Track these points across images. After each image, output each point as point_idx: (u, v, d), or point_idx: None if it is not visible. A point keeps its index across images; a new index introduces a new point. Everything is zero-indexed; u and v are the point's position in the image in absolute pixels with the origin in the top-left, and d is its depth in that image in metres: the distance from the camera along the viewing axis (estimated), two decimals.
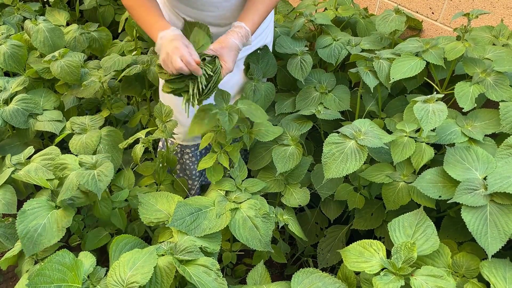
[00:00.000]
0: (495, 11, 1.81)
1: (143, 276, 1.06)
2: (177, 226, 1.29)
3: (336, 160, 1.34)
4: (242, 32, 1.44)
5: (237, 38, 1.43)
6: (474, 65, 1.58)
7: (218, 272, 1.16)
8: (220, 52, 1.40)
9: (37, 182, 1.46)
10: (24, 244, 1.30)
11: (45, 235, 1.32)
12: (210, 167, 1.52)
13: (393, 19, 1.91)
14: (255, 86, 1.79)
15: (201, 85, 1.37)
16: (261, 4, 1.48)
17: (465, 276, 1.22)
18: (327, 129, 1.87)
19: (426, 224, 1.21)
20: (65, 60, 1.96)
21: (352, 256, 1.20)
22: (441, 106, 1.37)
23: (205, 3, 1.53)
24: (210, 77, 1.38)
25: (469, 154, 1.32)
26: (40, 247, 1.31)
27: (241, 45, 1.45)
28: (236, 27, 1.45)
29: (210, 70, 1.38)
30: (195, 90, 1.38)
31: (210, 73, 1.38)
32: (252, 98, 1.77)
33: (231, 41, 1.42)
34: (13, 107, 1.82)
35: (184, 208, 1.33)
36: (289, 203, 1.60)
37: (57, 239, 1.33)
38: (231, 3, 1.55)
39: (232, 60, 1.42)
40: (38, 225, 1.33)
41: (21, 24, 2.49)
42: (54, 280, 1.08)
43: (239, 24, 1.45)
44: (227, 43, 1.41)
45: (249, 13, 1.47)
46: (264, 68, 1.85)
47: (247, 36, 1.46)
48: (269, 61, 1.86)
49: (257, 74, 1.81)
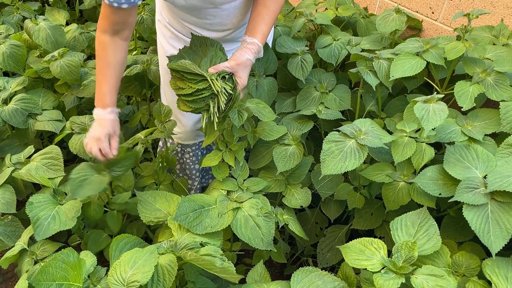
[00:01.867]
0: (495, 10, 1.81)
1: (144, 275, 1.06)
2: (180, 221, 1.29)
3: (335, 158, 1.34)
4: (255, 49, 1.47)
5: (251, 54, 1.45)
6: (474, 65, 1.58)
7: (223, 257, 1.16)
8: (236, 69, 1.42)
9: (38, 180, 1.45)
10: (35, 229, 1.34)
11: (55, 223, 1.36)
12: (216, 165, 1.53)
13: (393, 19, 1.91)
14: (257, 82, 1.80)
15: (222, 104, 1.39)
16: (268, 15, 1.48)
17: (465, 275, 1.22)
18: (328, 128, 1.87)
19: (428, 224, 1.21)
20: (65, 59, 1.96)
21: (353, 253, 1.19)
22: (442, 106, 1.38)
23: (202, 12, 1.55)
24: (230, 95, 1.41)
25: (469, 153, 1.32)
26: (51, 232, 1.34)
27: (254, 60, 1.48)
28: (249, 43, 1.47)
29: (230, 88, 1.40)
30: (215, 109, 1.40)
31: (230, 91, 1.40)
32: (255, 93, 1.78)
33: (245, 57, 1.44)
34: (12, 107, 1.82)
35: (188, 204, 1.33)
36: (291, 204, 1.60)
37: (69, 226, 1.37)
38: (228, 12, 1.55)
39: (246, 76, 1.46)
40: (47, 215, 1.37)
41: (20, 24, 2.48)
42: (57, 278, 1.08)
43: (252, 40, 1.47)
44: (242, 60, 1.43)
45: (258, 26, 1.48)
46: (265, 64, 1.86)
47: (260, 51, 1.49)
48: (269, 57, 1.86)
49: (259, 70, 1.81)
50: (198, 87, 1.36)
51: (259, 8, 1.48)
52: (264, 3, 1.47)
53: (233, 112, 1.49)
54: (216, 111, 1.40)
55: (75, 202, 1.41)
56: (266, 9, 1.47)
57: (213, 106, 1.40)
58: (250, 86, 1.79)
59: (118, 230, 1.59)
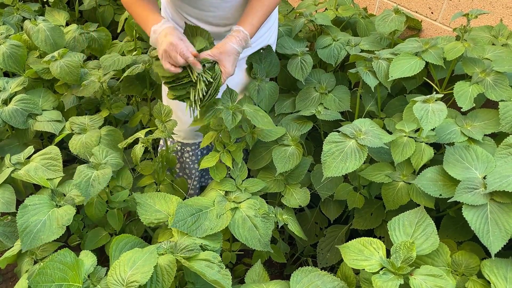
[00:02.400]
0: (495, 10, 1.81)
1: (143, 275, 1.06)
2: (178, 227, 1.29)
3: (336, 159, 1.34)
4: (241, 36, 1.45)
5: (235, 42, 1.44)
6: (474, 65, 1.58)
7: (221, 264, 1.16)
8: (219, 57, 1.42)
9: (37, 181, 1.45)
10: (23, 238, 1.29)
11: (44, 231, 1.31)
12: (213, 166, 1.52)
13: (392, 19, 1.91)
14: (259, 86, 1.80)
15: (202, 92, 1.41)
16: (260, 7, 1.49)
17: (465, 275, 1.22)
18: (327, 129, 1.87)
19: (426, 223, 1.21)
20: (65, 60, 1.96)
21: (352, 254, 1.19)
22: (441, 106, 1.38)
23: (205, 3, 1.55)
24: (210, 83, 1.41)
25: (469, 154, 1.32)
26: (38, 242, 1.30)
27: (240, 48, 1.46)
28: (234, 31, 1.47)
29: (210, 76, 1.41)
30: (196, 97, 1.42)
31: (210, 79, 1.41)
32: (257, 98, 1.78)
33: (229, 45, 1.43)
34: (12, 107, 1.82)
35: (185, 209, 1.33)
36: (290, 204, 1.60)
37: (56, 236, 1.32)
38: (230, 4, 1.55)
39: (231, 65, 1.44)
40: (38, 221, 1.32)
41: (20, 24, 2.48)
42: (55, 279, 1.08)
43: (238, 28, 1.47)
44: (226, 48, 1.43)
45: (248, 17, 1.49)
46: (267, 67, 1.85)
47: (246, 39, 1.47)
48: (272, 60, 1.86)
49: (261, 73, 1.81)
50: (178, 75, 1.39)
51: (253, 1, 1.49)
52: None
53: (227, 113, 1.49)
54: (198, 98, 1.42)
55: (69, 207, 1.40)
56: (260, 3, 1.48)
57: (194, 94, 1.41)
58: (251, 90, 1.79)
59: (119, 228, 1.59)
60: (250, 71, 1.82)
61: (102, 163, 1.51)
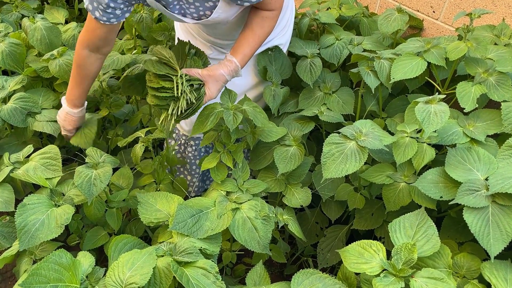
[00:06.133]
0: (497, 10, 1.80)
1: (142, 277, 1.05)
2: (178, 229, 1.27)
3: (336, 160, 1.33)
4: (232, 67, 1.50)
5: (226, 71, 1.49)
6: (476, 65, 1.57)
7: (217, 275, 1.14)
8: (206, 79, 1.47)
9: (35, 181, 1.44)
10: (21, 237, 1.28)
11: (43, 230, 1.30)
12: (214, 167, 1.52)
13: (395, 19, 1.89)
14: (275, 91, 1.79)
15: (181, 109, 1.44)
16: (252, 38, 1.52)
17: (466, 277, 1.21)
18: (329, 128, 1.85)
19: (427, 225, 1.20)
20: (64, 58, 1.94)
21: (352, 257, 1.19)
22: (443, 107, 1.36)
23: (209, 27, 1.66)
24: (191, 103, 1.45)
25: (471, 155, 1.31)
26: (36, 241, 1.29)
27: (229, 77, 1.51)
28: (227, 60, 1.51)
29: (194, 98, 1.44)
30: (174, 111, 1.45)
31: (193, 100, 1.44)
32: (272, 103, 1.78)
33: (219, 72, 1.48)
34: (11, 106, 1.81)
35: (185, 210, 1.32)
36: (291, 203, 1.59)
37: (55, 235, 1.30)
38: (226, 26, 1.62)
39: (216, 90, 1.50)
40: (36, 220, 1.31)
41: (19, 22, 2.47)
42: (51, 280, 1.06)
43: (231, 58, 1.51)
44: (215, 73, 1.48)
45: (241, 47, 1.53)
46: (279, 69, 1.84)
47: (237, 70, 1.52)
48: (283, 62, 1.85)
49: (276, 78, 1.80)
50: (164, 85, 1.42)
51: (247, 31, 1.53)
52: (251, 27, 1.51)
53: (228, 113, 1.49)
54: (175, 113, 1.45)
55: (68, 207, 1.39)
56: (252, 33, 1.52)
57: (173, 108, 1.44)
58: (267, 96, 1.77)
59: (118, 228, 1.59)
60: (264, 74, 1.80)
61: (100, 162, 1.50)
